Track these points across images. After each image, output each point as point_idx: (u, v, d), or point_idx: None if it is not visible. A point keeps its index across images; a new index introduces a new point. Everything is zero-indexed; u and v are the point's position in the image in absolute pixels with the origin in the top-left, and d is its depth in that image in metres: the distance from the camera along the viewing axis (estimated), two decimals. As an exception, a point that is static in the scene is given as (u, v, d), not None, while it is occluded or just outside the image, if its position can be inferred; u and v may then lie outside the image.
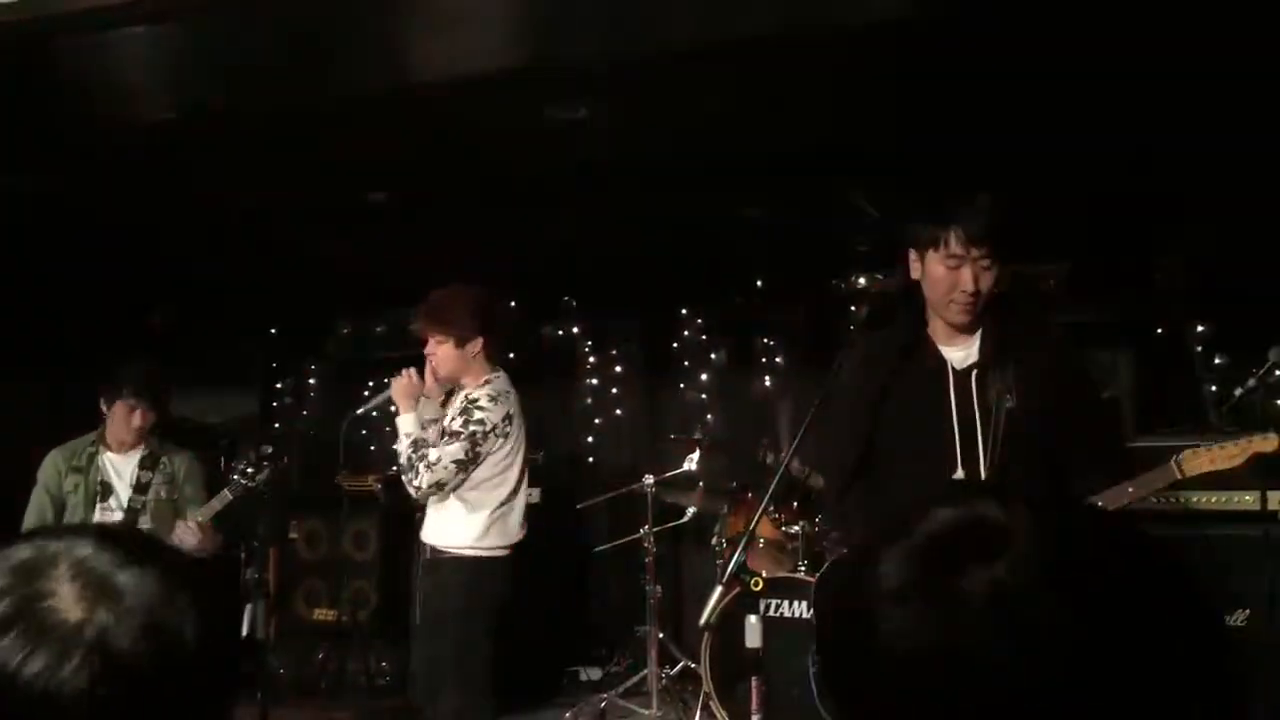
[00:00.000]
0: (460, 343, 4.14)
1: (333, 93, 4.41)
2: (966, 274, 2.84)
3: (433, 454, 4.05)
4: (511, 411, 4.15)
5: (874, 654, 0.82)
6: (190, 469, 4.90)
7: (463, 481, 4.08)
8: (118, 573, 0.91)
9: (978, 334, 2.95)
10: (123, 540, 0.96)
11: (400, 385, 4.16)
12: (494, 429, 4.06)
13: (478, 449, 4.04)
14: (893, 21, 3.84)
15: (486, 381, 4.16)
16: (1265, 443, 2.91)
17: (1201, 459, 2.92)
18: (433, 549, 4.15)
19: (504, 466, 4.14)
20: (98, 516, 4.71)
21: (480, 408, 4.06)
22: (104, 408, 4.78)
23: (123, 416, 4.75)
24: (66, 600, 0.88)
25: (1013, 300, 3.06)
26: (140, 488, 4.74)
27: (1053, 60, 4.23)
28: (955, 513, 0.85)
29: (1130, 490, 2.89)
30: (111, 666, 0.86)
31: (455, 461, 4.02)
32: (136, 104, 4.47)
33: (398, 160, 5.10)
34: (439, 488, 4.04)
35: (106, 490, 4.75)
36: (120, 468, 4.80)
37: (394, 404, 4.19)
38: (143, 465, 4.79)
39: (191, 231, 6.16)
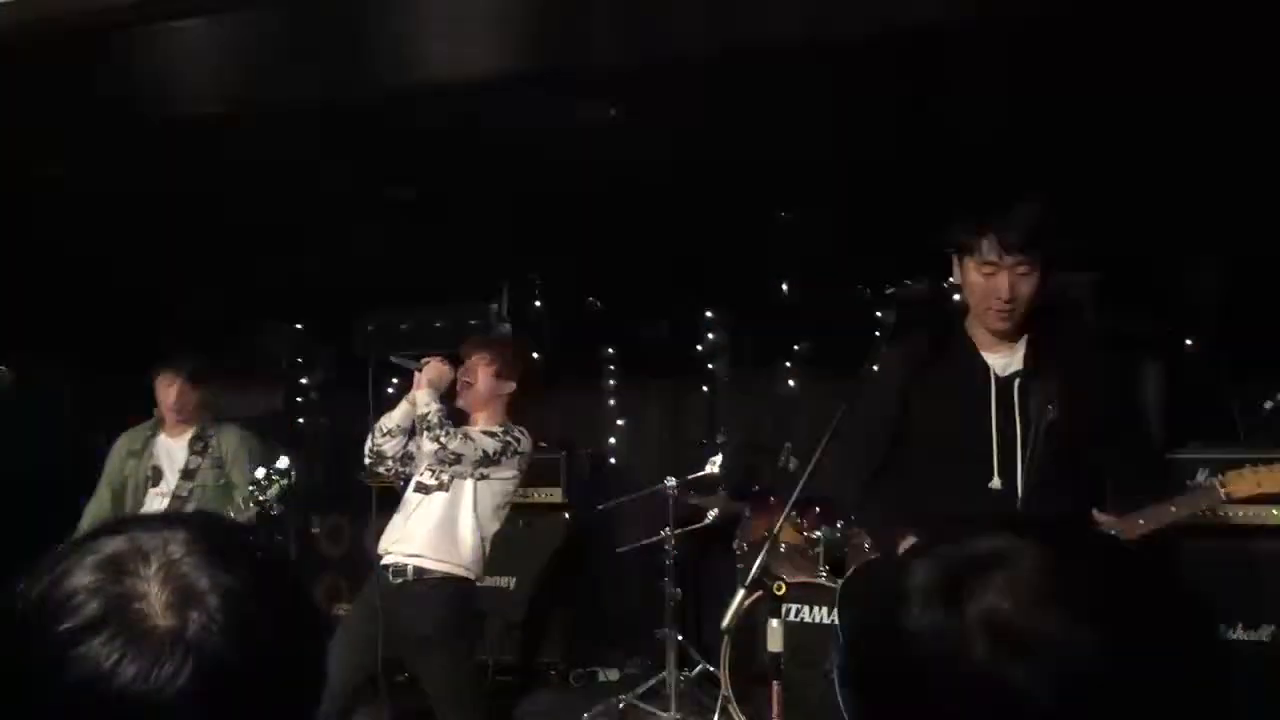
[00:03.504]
0: (500, 375, 4.29)
1: (362, 90, 4.42)
2: (1002, 281, 2.81)
3: (473, 431, 4.17)
4: (531, 458, 4.34)
5: (895, 656, 0.87)
6: (239, 449, 4.71)
7: (463, 474, 4.13)
8: (204, 575, 0.89)
9: (1022, 341, 2.92)
10: (215, 536, 0.95)
11: (434, 367, 4.28)
12: (521, 454, 4.23)
13: (501, 458, 4.16)
14: (923, 28, 3.83)
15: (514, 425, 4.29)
16: None
17: (1248, 480, 2.82)
18: (416, 569, 4.09)
19: (506, 500, 4.25)
20: (148, 503, 4.54)
21: (523, 432, 4.25)
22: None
23: (161, 390, 4.63)
24: (156, 605, 0.87)
25: (1057, 310, 3.04)
26: (188, 473, 4.57)
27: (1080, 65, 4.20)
28: (974, 537, 0.91)
29: (1173, 510, 2.83)
30: (203, 670, 0.85)
31: (484, 450, 4.11)
32: (163, 100, 4.49)
33: (426, 159, 5.11)
34: (455, 459, 4.09)
35: (157, 475, 4.60)
36: (173, 451, 4.65)
37: (417, 373, 4.29)
38: (192, 448, 4.63)
39: (219, 227, 6.19)
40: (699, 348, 7.00)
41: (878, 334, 3.04)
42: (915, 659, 0.85)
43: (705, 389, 6.99)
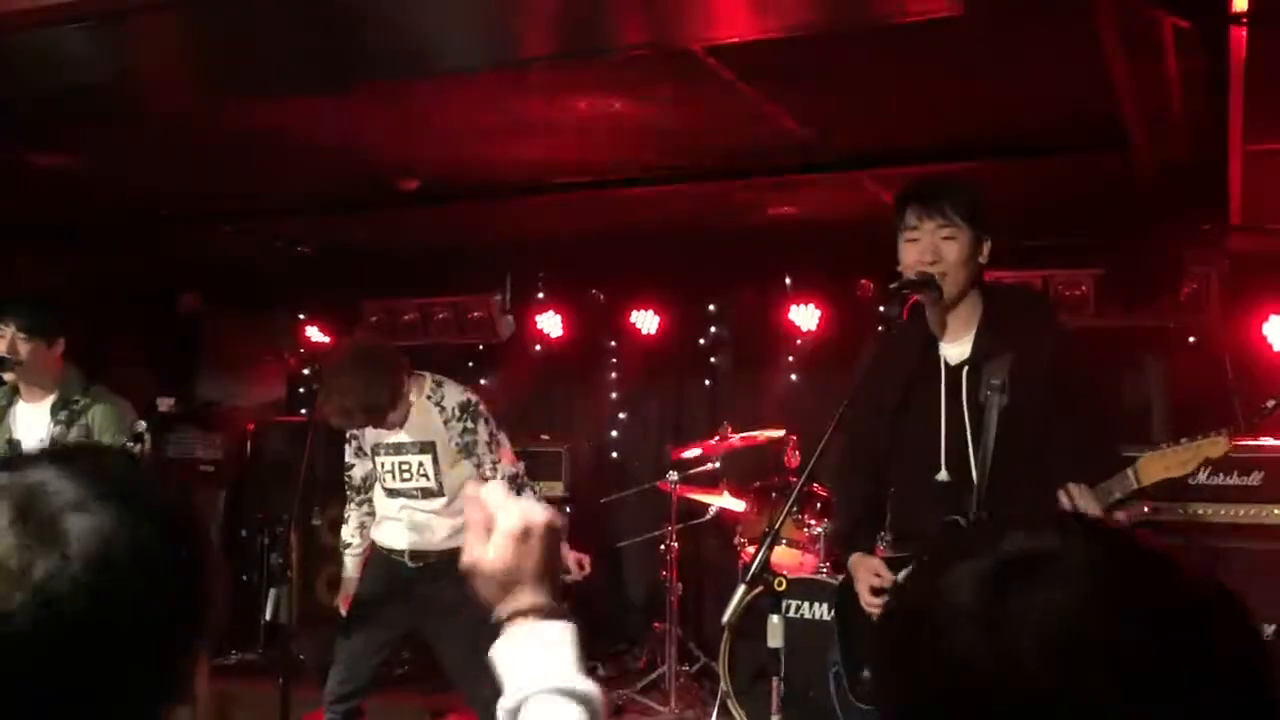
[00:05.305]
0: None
1: (364, 78, 4.41)
2: (925, 244, 2.85)
3: (500, 437, 4.19)
4: None
5: (934, 669, 0.84)
6: (106, 419, 4.03)
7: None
8: (67, 514, 0.92)
9: (974, 330, 2.92)
10: (85, 467, 0.97)
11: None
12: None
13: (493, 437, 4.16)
14: (929, 19, 3.81)
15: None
16: (1213, 446, 2.76)
17: (1156, 465, 2.77)
18: (414, 552, 4.09)
19: None
20: None
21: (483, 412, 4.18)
22: None
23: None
24: (4, 545, 0.90)
25: (1014, 298, 3.04)
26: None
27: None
28: (1020, 539, 0.87)
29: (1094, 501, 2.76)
30: (49, 612, 0.89)
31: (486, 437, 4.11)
32: (162, 91, 4.47)
33: (429, 149, 5.10)
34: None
35: (15, 448, 4.00)
36: (32, 420, 4.03)
37: None
38: (55, 417, 4.00)
39: (223, 218, 6.19)
40: (701, 341, 6.99)
41: (880, 328, 3.03)
42: (964, 677, 0.82)
43: (708, 383, 6.98)
